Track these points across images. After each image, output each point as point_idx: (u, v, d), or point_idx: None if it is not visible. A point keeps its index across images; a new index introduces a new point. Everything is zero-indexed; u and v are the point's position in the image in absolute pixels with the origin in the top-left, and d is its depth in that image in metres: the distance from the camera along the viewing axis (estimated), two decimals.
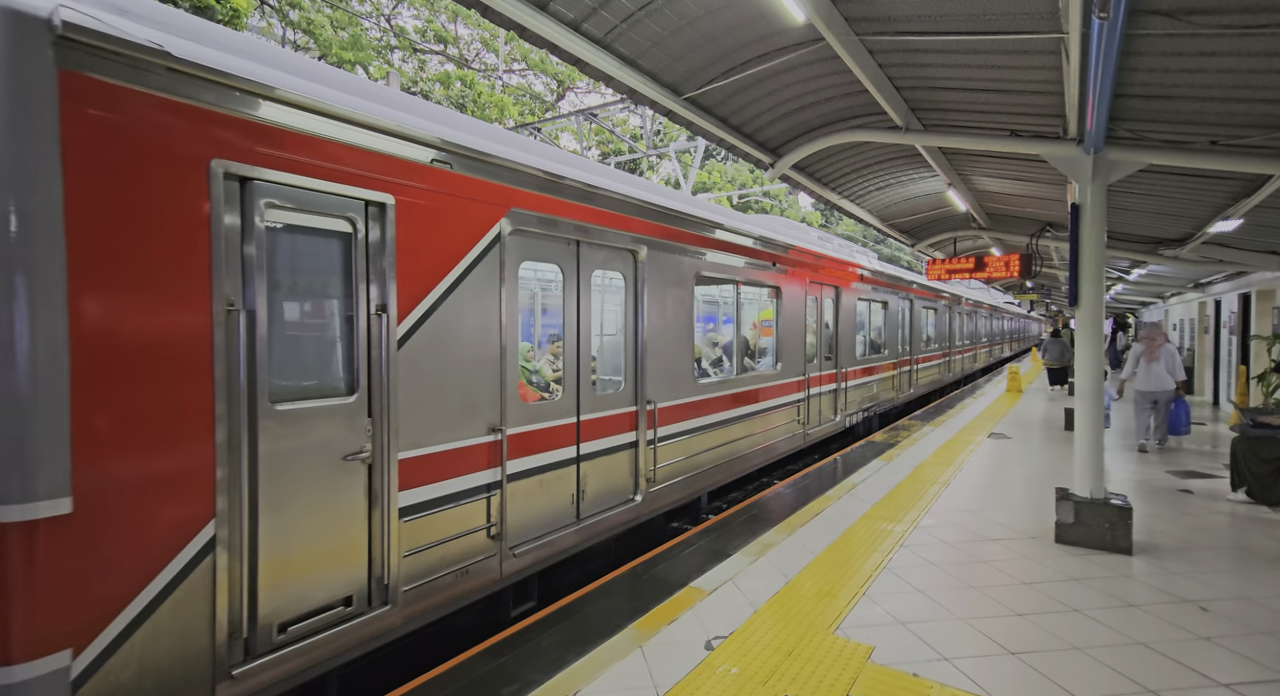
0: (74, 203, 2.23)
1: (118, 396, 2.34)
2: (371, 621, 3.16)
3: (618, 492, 5.05)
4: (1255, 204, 6.68)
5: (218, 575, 2.61)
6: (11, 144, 2.11)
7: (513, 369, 4.06)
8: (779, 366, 7.80)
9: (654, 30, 4.92)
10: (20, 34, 2.12)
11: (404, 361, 3.35)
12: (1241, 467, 6.56)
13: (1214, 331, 15.56)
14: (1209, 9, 3.53)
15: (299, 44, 18.91)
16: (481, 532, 3.80)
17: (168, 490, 2.48)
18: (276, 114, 2.80)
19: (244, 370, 2.70)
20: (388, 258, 3.25)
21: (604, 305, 5.97)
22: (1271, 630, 3.75)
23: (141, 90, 2.41)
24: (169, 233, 2.49)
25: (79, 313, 2.25)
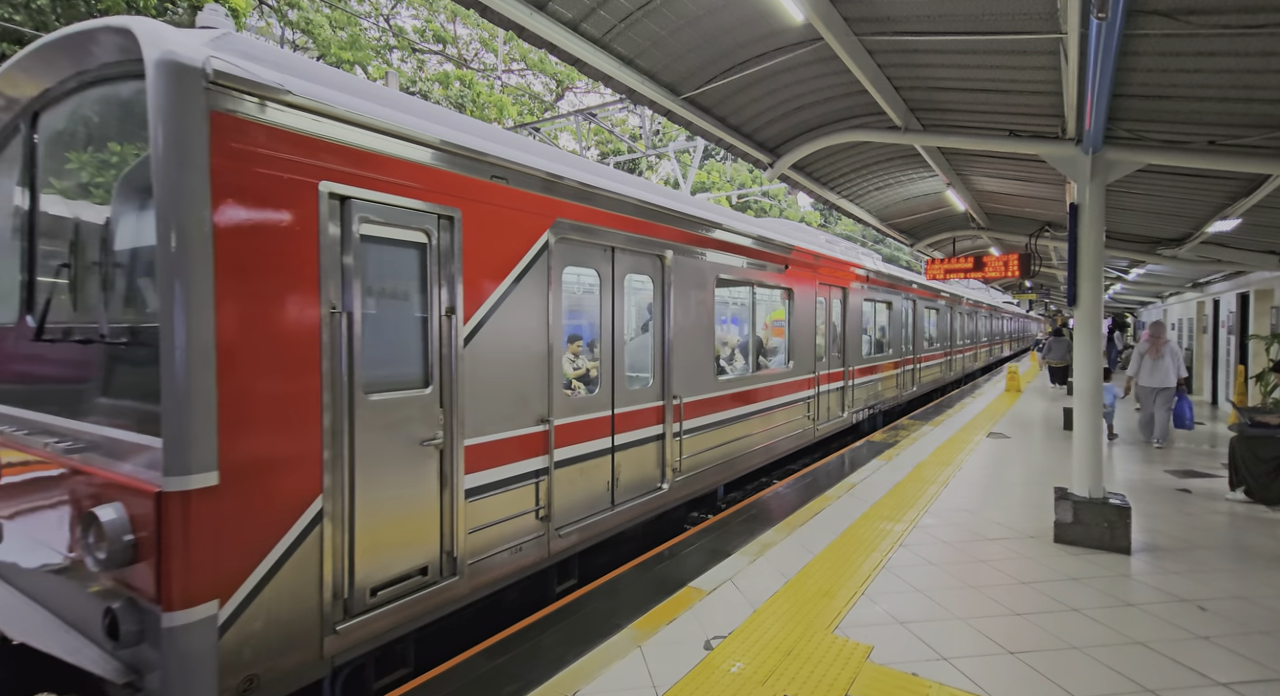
0: (219, 221, 2.62)
1: (252, 386, 2.72)
2: (442, 590, 3.52)
3: (647, 481, 5.40)
4: (1253, 203, 6.69)
5: (325, 542, 2.98)
6: (174, 173, 2.50)
7: (559, 365, 4.43)
8: (790, 364, 8.09)
9: (652, 30, 4.92)
10: (181, 81, 2.52)
11: (469, 358, 3.72)
12: (1240, 467, 6.57)
13: (1212, 331, 15.58)
14: (1207, 9, 3.54)
15: (297, 44, 18.90)
16: (532, 514, 4.18)
17: (289, 467, 2.87)
18: (369, 140, 3.21)
19: (345, 365, 3.09)
20: (456, 264, 3.65)
21: (632, 307, 6.27)
22: (1270, 629, 3.76)
23: (268, 124, 2.80)
24: (288, 244, 2.88)
25: (223, 316, 2.63)
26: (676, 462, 5.70)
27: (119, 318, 3.00)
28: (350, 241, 3.12)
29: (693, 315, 5.92)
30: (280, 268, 2.84)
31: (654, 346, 5.64)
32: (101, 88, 3.05)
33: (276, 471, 2.81)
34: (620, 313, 5.10)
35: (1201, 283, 15.26)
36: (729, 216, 6.77)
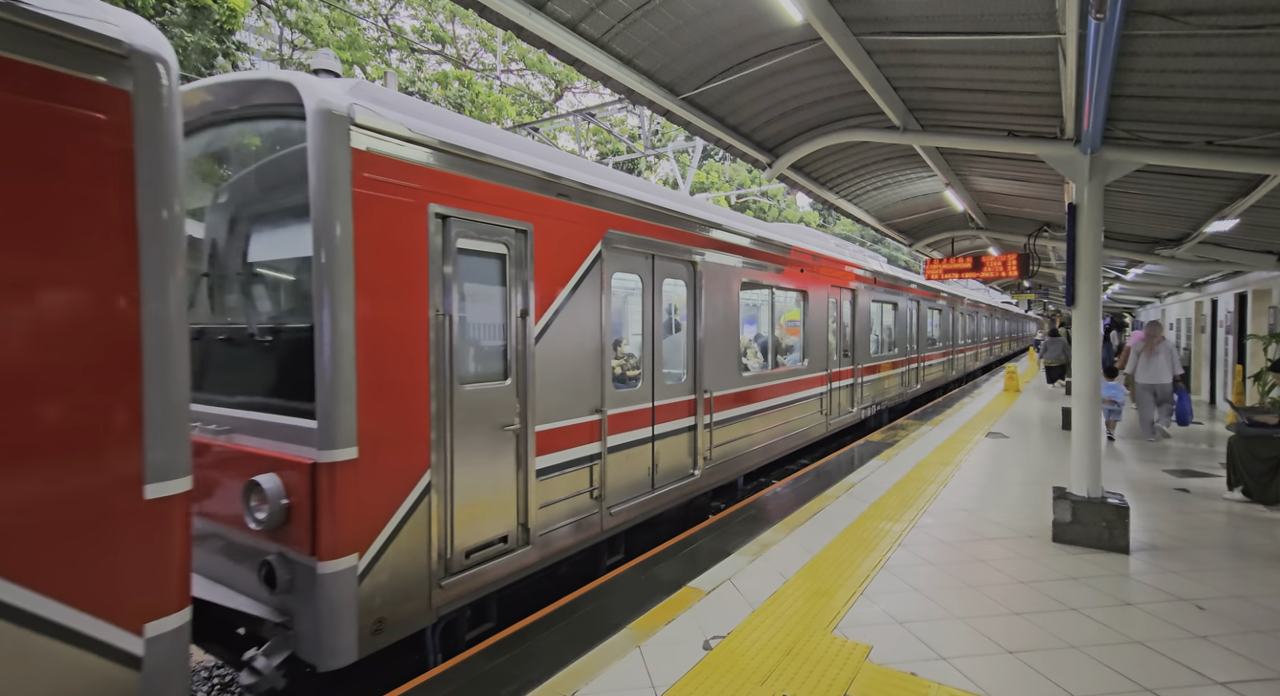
0: (358, 238, 3.17)
1: (380, 376, 3.28)
2: (519, 556, 4.08)
3: (682, 468, 5.92)
4: (1251, 204, 6.70)
5: (432, 510, 3.52)
6: (325, 199, 3.07)
7: (610, 360, 4.95)
8: (805, 362, 8.64)
9: (651, 30, 4.92)
10: (332, 125, 3.11)
11: (538, 354, 4.26)
12: (1238, 466, 6.58)
13: (1210, 331, 15.61)
14: (1205, 10, 3.54)
15: (296, 44, 18.88)
16: (588, 494, 4.72)
17: (406, 445, 3.41)
18: (464, 167, 3.78)
19: (446, 360, 3.63)
20: (528, 272, 4.19)
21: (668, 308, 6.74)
22: (1268, 628, 3.76)
23: (392, 157, 3.37)
24: (407, 256, 3.44)
25: (361, 318, 3.18)
26: (707, 451, 6.23)
27: (272, 319, 3.60)
28: (450, 253, 3.69)
29: (720, 315, 6.44)
30: (401, 276, 3.42)
31: (687, 344, 6.15)
32: (261, 123, 3.59)
33: (398, 448, 3.38)
34: (659, 313, 5.60)
35: (1199, 283, 15.28)
36: (752, 224, 7.38)
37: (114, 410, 2.22)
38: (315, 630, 3.06)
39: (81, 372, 2.15)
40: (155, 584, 2.30)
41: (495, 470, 3.95)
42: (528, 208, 4.20)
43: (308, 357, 3.13)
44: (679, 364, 6.10)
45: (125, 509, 2.22)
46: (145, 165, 2.27)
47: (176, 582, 2.36)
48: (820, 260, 9.04)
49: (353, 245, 3.16)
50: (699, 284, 6.10)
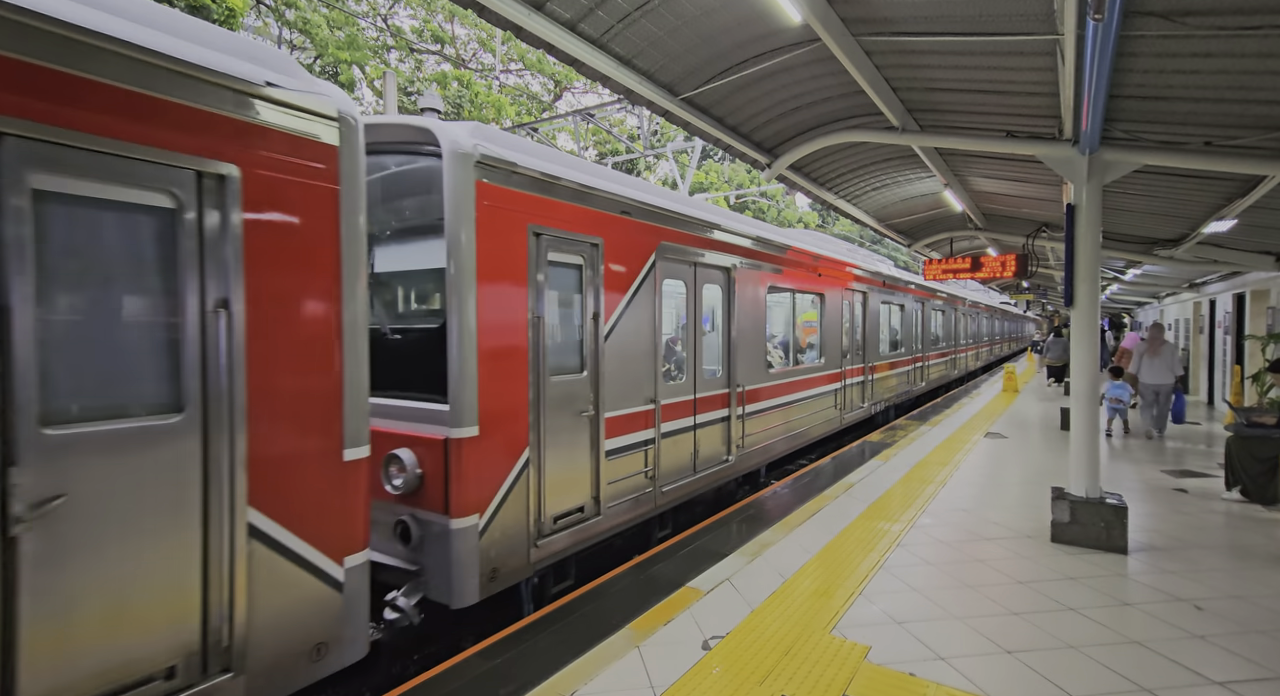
0: (479, 254, 3.87)
1: (495, 368, 3.98)
2: (593, 525, 4.79)
3: (718, 454, 6.57)
4: (1249, 204, 6.70)
5: (530, 481, 4.21)
6: (456, 222, 3.81)
7: (661, 356, 5.64)
8: (822, 360, 9.31)
9: (650, 30, 4.92)
10: (463, 163, 3.83)
11: (606, 351, 4.95)
12: (1236, 467, 6.58)
13: (1209, 331, 15.63)
14: (1203, 10, 3.55)
15: (295, 44, 18.87)
16: (643, 474, 5.38)
17: (512, 426, 4.11)
18: (552, 191, 4.47)
19: (540, 355, 4.31)
20: (599, 280, 4.89)
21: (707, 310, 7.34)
22: (1266, 628, 3.77)
23: (502, 186, 4.07)
24: (514, 268, 4.13)
25: (482, 319, 3.88)
26: (739, 440, 6.91)
27: (408, 319, 4.28)
28: (542, 264, 4.35)
29: (750, 317, 7.10)
30: (509, 284, 4.12)
31: (721, 343, 6.76)
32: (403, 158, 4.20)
33: (507, 428, 4.08)
34: (700, 315, 6.29)
35: (1198, 283, 15.30)
36: (779, 233, 8.17)
37: (329, 390, 2.97)
38: (446, 576, 3.77)
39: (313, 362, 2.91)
40: (349, 527, 3.04)
41: (574, 449, 4.69)
42: (600, 224, 4.92)
43: (440, 352, 3.86)
44: (715, 361, 6.68)
45: (331, 468, 2.97)
46: (345, 201, 3.03)
47: (362, 527, 3.09)
48: (835, 265, 9.71)
49: (475, 259, 3.88)
50: (732, 289, 6.80)
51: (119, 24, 2.33)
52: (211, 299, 2.59)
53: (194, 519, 2.53)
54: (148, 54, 2.38)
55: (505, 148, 4.18)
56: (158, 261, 2.49)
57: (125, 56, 2.32)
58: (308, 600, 2.85)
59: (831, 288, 9.53)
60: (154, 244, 2.49)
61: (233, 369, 2.61)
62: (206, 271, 2.58)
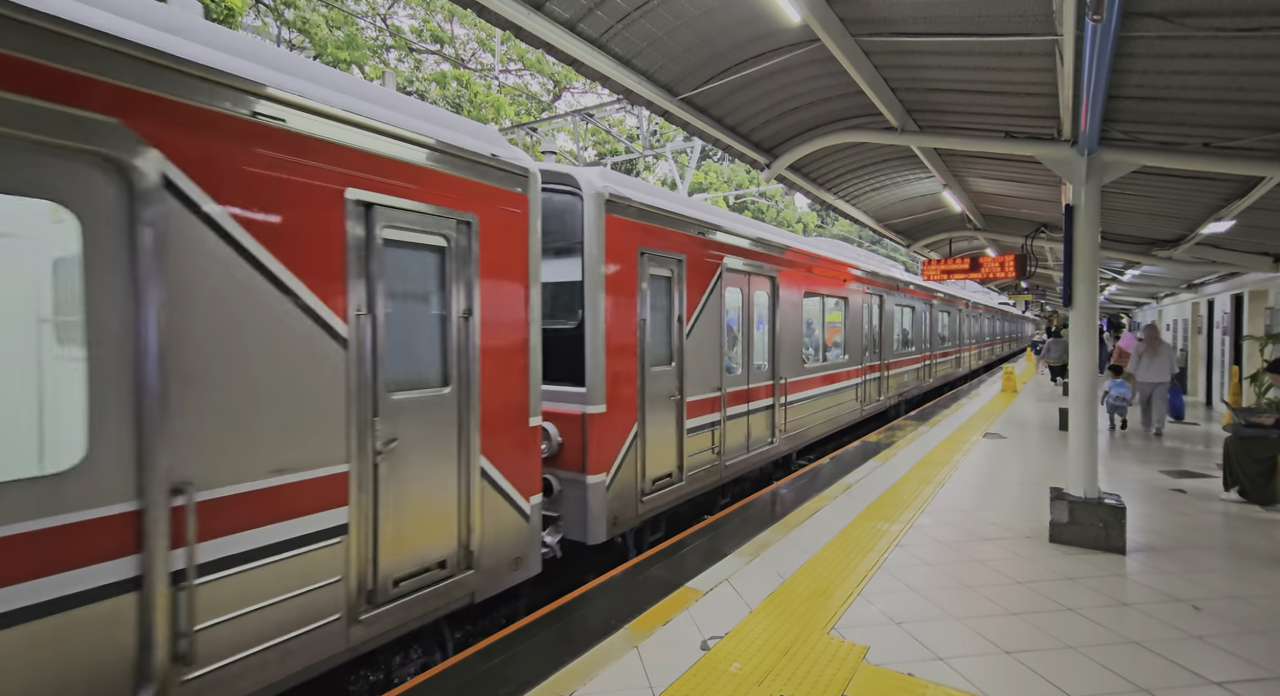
0: (607, 270, 5.02)
1: (615, 359, 5.09)
2: (676, 489, 5.89)
3: (764, 436, 7.63)
4: (1247, 205, 6.71)
5: (638, 451, 5.36)
6: (591, 246, 4.95)
7: (724, 352, 6.66)
8: (845, 357, 10.39)
9: (649, 30, 4.92)
10: (598, 201, 4.97)
11: (687, 347, 6.04)
12: (1234, 467, 6.59)
13: (1207, 332, 15.65)
14: (1202, 11, 3.55)
15: (294, 43, 18.85)
16: (710, 449, 6.44)
17: (627, 407, 5.24)
18: (653, 218, 5.63)
19: (644, 349, 5.42)
20: (683, 289, 6.01)
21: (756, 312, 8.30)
22: (1264, 629, 3.77)
23: (622, 218, 5.22)
24: (628, 281, 5.28)
25: (609, 322, 5.00)
26: (782, 425, 8.01)
27: (552, 320, 5.13)
28: (645, 277, 5.49)
29: (790, 318, 8.20)
30: (627, 294, 5.27)
31: (767, 341, 7.83)
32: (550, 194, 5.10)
33: (623, 407, 5.21)
34: (752, 317, 7.37)
35: (1196, 284, 15.32)
36: (811, 244, 9.47)
37: (523, 372, 4.13)
38: (583, 520, 4.92)
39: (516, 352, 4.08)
40: (532, 474, 4.18)
41: (666, 427, 5.78)
42: (683, 244, 6.03)
43: (577, 346, 5.00)
44: (763, 357, 7.74)
45: (523, 430, 4.13)
46: (532, 234, 4.19)
47: (537, 475, 4.24)
48: (856, 271, 10.83)
49: (603, 274, 5.01)
50: (777, 294, 7.88)
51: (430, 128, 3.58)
52: (462, 308, 3.74)
53: (454, 460, 3.67)
54: (442, 146, 3.59)
55: (623, 187, 5.31)
56: (437, 283, 3.66)
57: (432, 149, 3.54)
58: (510, 526, 4.02)
59: (854, 291, 10.66)
60: (435, 272, 3.65)
61: (472, 358, 3.76)
62: (460, 290, 3.72)
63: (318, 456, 2.99)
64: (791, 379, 8.25)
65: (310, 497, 2.95)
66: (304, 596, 2.92)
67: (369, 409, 3.19)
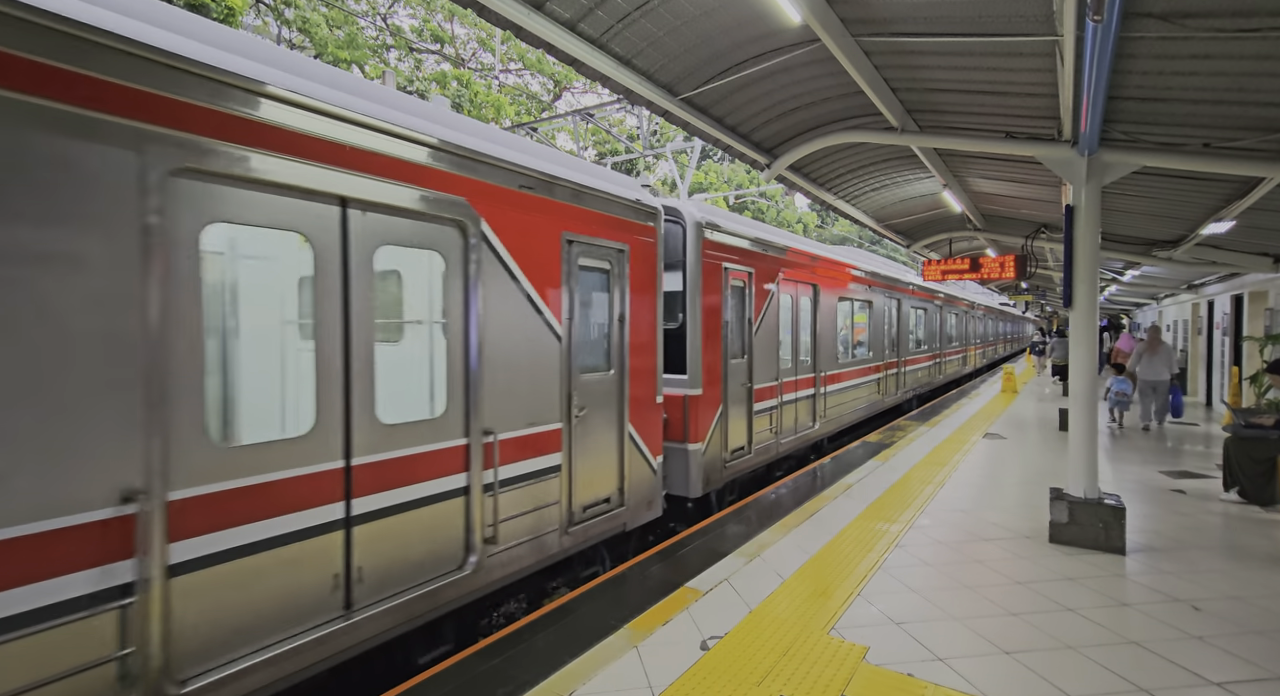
0: (702, 282, 6.37)
1: (707, 353, 6.38)
2: (747, 460, 7.20)
3: (807, 421, 9.01)
4: (1247, 206, 6.71)
5: (721, 427, 6.62)
6: (692, 262, 6.38)
7: (779, 347, 8.09)
8: (870, 354, 11.82)
9: (650, 30, 4.92)
10: (695, 227, 6.38)
11: (754, 343, 7.41)
12: (1234, 468, 6.59)
13: (1207, 332, 15.65)
14: (1202, 12, 3.55)
15: (294, 43, 18.84)
16: (769, 430, 7.79)
17: (715, 390, 6.50)
18: (735, 241, 6.99)
19: (725, 345, 6.72)
20: (751, 295, 7.36)
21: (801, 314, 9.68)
22: (1263, 629, 3.77)
23: (711, 240, 6.52)
24: (715, 290, 6.55)
25: (704, 323, 6.34)
26: (822, 412, 9.41)
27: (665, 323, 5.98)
28: (727, 287, 6.82)
29: (828, 320, 9.63)
30: (714, 301, 6.55)
31: (810, 339, 9.17)
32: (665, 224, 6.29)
33: (712, 391, 6.49)
34: (799, 319, 8.81)
35: (1196, 284, 15.32)
36: (841, 253, 10.88)
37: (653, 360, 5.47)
38: (685, 478, 6.25)
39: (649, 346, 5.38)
40: (657, 438, 5.51)
41: (739, 409, 7.06)
42: (753, 259, 7.42)
43: (680, 342, 6.33)
44: (807, 352, 9.06)
45: (652, 404, 5.48)
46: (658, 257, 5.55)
47: (660, 440, 5.56)
48: (877, 277, 12.11)
49: (701, 285, 6.39)
50: (818, 299, 9.28)
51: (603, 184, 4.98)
52: (618, 314, 5.13)
53: (614, 426, 5.08)
54: (612, 196, 5.04)
55: (711, 216, 6.70)
56: (604, 297, 5.02)
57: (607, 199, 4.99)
58: (645, 477, 5.41)
59: (877, 295, 12.06)
60: (603, 289, 5.02)
61: (625, 350, 5.15)
62: (618, 300, 5.12)
63: (547, 416, 4.39)
64: (828, 372, 9.66)
65: (545, 444, 4.34)
66: (543, 509, 4.31)
67: (570, 384, 4.56)
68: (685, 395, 6.24)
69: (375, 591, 3.23)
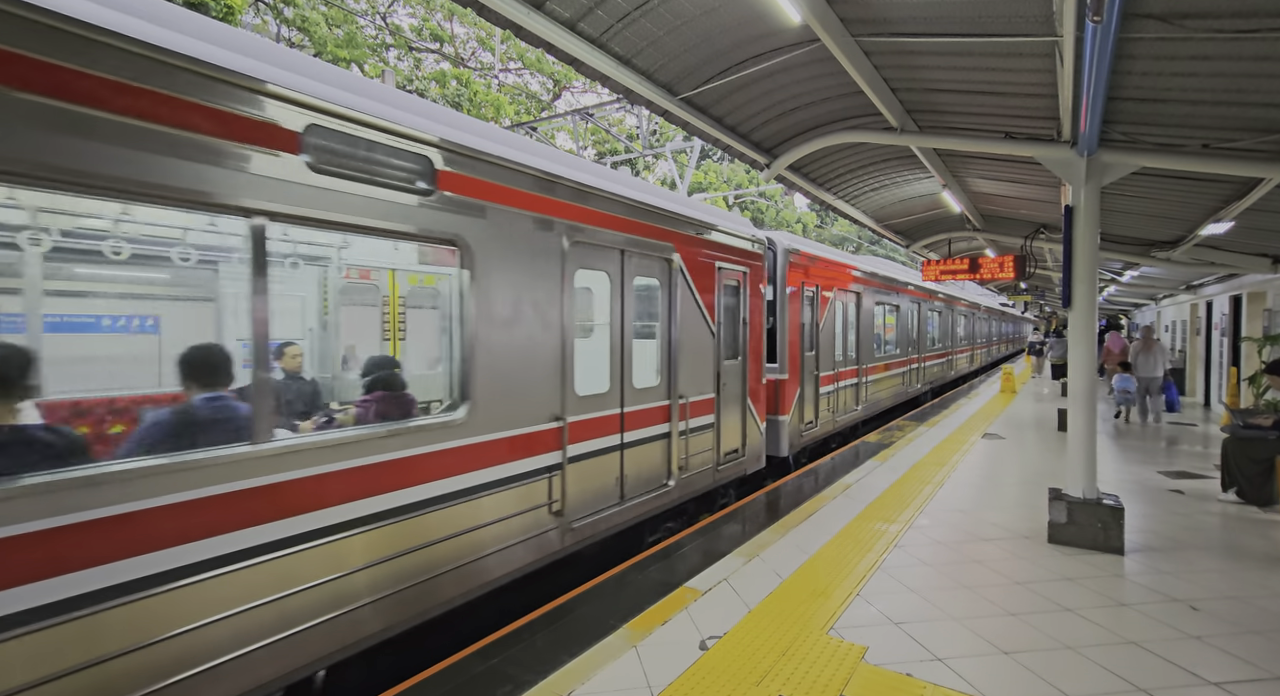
0: (789, 294, 8.54)
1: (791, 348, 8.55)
2: (813, 431, 9.19)
3: (851, 405, 10.89)
4: (1246, 207, 6.72)
5: (799, 405, 8.78)
6: (780, 280, 8.45)
7: (835, 345, 10.09)
8: (897, 350, 13.82)
9: (649, 29, 4.92)
10: (784, 253, 8.51)
11: (820, 340, 9.36)
12: (1232, 468, 6.60)
13: (1205, 333, 15.67)
14: (1201, 13, 3.55)
15: (293, 42, 18.81)
16: (828, 410, 9.75)
17: (796, 376, 8.68)
18: (810, 262, 9.13)
19: (801, 343, 8.83)
20: (818, 303, 9.32)
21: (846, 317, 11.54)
22: (1261, 629, 3.78)
23: (794, 262, 8.64)
24: (798, 301, 8.74)
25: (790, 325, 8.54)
26: (864, 398, 11.44)
27: None
28: (805, 299, 8.82)
29: (866, 320, 11.48)
30: (797, 308, 8.62)
31: (855, 337, 11.03)
32: None
33: (795, 377, 8.52)
34: (848, 319, 10.69)
35: (1195, 285, 15.34)
36: (873, 264, 12.77)
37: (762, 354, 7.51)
38: (778, 442, 8.23)
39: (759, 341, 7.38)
40: (763, 410, 7.50)
41: (811, 391, 9.09)
42: (818, 274, 9.32)
43: (772, 339, 8.23)
44: (852, 348, 10.92)
45: (761, 386, 7.48)
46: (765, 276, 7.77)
47: (764, 411, 7.57)
48: (903, 284, 14.07)
49: (787, 296, 8.33)
50: (860, 304, 11.23)
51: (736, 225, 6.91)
52: (743, 318, 6.85)
53: (740, 399, 6.83)
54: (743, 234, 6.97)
55: (794, 242, 8.68)
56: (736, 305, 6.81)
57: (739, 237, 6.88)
58: (756, 437, 7.22)
59: (902, 299, 14.01)
60: (734, 299, 6.75)
61: (746, 344, 6.95)
62: (743, 308, 6.87)
63: (707, 388, 6.23)
64: (868, 365, 11.63)
65: (707, 407, 6.21)
66: (704, 453, 6.15)
67: (719, 367, 6.37)
68: (777, 379, 8.22)
69: (632, 490, 5.14)
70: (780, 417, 8.19)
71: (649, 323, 5.55)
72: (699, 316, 5.97)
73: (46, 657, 2.11)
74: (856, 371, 10.93)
